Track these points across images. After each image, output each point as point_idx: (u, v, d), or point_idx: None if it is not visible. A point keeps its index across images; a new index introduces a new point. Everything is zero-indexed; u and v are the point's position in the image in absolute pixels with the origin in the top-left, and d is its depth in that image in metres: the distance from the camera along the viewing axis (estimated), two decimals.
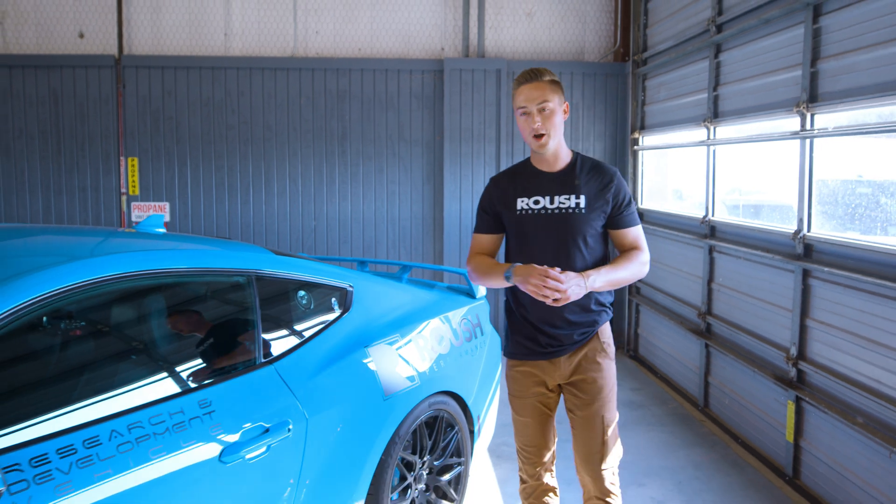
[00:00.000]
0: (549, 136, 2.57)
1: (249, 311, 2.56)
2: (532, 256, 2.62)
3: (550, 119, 2.55)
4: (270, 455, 2.34)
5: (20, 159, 6.65)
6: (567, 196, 2.62)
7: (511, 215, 2.67)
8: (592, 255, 2.63)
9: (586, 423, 2.67)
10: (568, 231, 2.61)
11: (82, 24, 6.74)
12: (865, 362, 3.40)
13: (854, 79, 3.49)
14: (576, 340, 2.66)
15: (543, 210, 2.63)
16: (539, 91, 2.54)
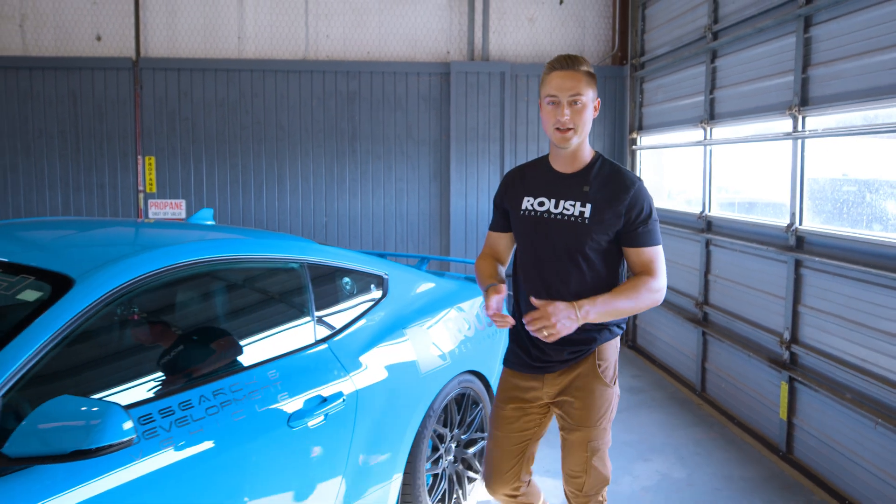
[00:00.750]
0: (575, 132, 2.32)
1: (304, 295, 2.84)
2: (530, 264, 2.47)
3: (581, 114, 2.31)
4: (328, 423, 2.62)
5: (40, 158, 6.87)
6: (573, 202, 2.38)
7: (515, 215, 2.49)
8: (594, 273, 2.38)
9: (570, 448, 2.49)
10: (566, 241, 2.37)
11: (99, 28, 6.97)
12: (853, 343, 3.72)
13: (842, 84, 3.81)
14: (566, 359, 2.44)
15: (546, 214, 2.41)
16: (574, 81, 2.29)
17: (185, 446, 2.10)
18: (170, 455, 2.07)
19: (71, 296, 2.04)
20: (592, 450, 2.45)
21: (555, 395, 2.49)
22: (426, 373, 3.19)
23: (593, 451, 2.45)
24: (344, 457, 2.73)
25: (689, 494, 3.88)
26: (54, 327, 1.95)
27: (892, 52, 3.42)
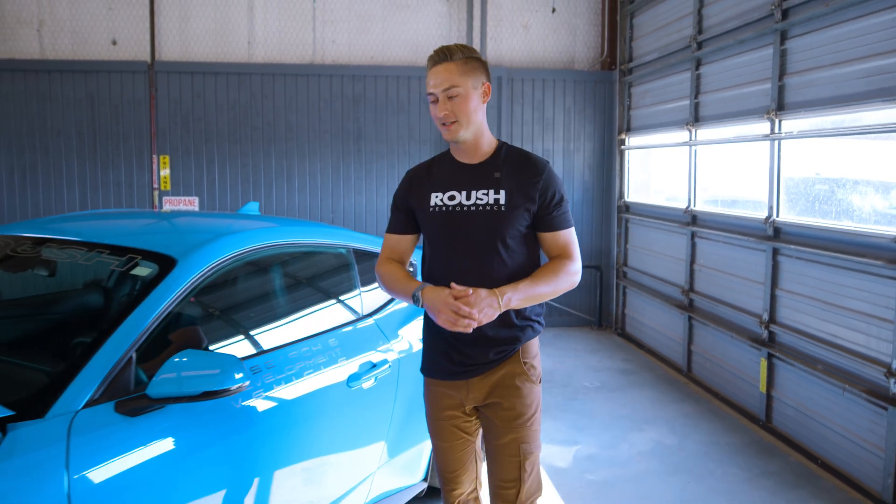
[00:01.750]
0: (459, 124, 2.24)
1: (351, 275, 3.25)
2: (445, 260, 2.33)
3: (461, 105, 2.21)
4: (377, 386, 3.03)
5: (58, 157, 7.18)
6: (486, 191, 2.29)
7: (424, 213, 2.36)
8: (515, 261, 2.30)
9: (500, 453, 2.35)
10: (485, 232, 2.28)
11: (115, 33, 7.29)
12: (824, 321, 4.21)
13: (814, 91, 4.29)
14: (491, 360, 2.33)
15: (459, 207, 2.30)
16: (447, 73, 2.22)
17: (273, 396, 2.51)
18: (263, 402, 2.47)
19: (176, 272, 2.43)
20: (525, 453, 2.34)
21: (482, 399, 2.36)
22: None
23: (526, 454, 2.35)
24: (388, 417, 3.14)
25: (680, 457, 4.34)
26: (168, 297, 2.34)
27: (859, 63, 3.91)
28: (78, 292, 2.90)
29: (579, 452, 4.40)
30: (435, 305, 2.15)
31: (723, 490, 3.91)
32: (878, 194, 4.03)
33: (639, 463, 4.27)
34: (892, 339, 3.63)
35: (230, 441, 2.34)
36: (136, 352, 2.18)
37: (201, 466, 2.23)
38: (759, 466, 4.22)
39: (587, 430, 4.77)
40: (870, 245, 3.82)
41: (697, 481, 4.02)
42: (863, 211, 4.10)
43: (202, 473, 2.23)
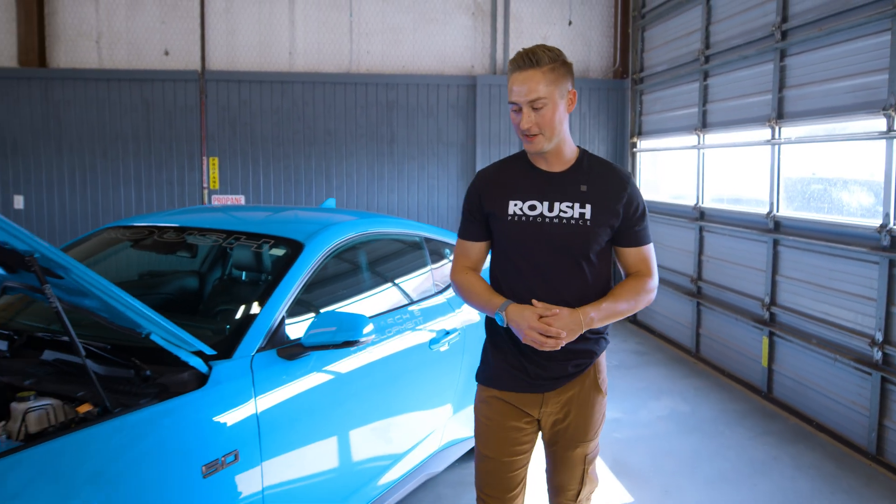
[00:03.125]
0: (543, 136, 2.16)
1: (425, 260, 3.89)
2: (521, 273, 2.24)
3: (547, 117, 2.13)
4: (450, 349, 3.67)
5: (115, 159, 7.81)
6: (570, 204, 2.21)
7: (501, 222, 2.25)
8: (595, 278, 2.25)
9: (566, 462, 2.37)
10: (569, 247, 2.20)
11: (168, 44, 7.92)
12: (817, 301, 4.86)
13: (810, 103, 4.95)
14: (570, 373, 2.28)
15: (540, 218, 2.21)
16: (532, 83, 2.12)
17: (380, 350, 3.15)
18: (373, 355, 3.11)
19: (305, 253, 3.07)
20: (589, 461, 2.39)
21: (557, 412, 2.32)
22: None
23: (589, 462, 2.39)
24: (457, 376, 3.78)
25: (693, 421, 4.99)
26: (302, 271, 2.98)
27: (848, 80, 4.56)
28: (227, 268, 3.58)
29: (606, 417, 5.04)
30: (520, 325, 2.10)
31: (732, 445, 4.57)
32: (864, 191, 4.69)
33: (658, 425, 4.92)
34: (875, 315, 4.28)
35: (354, 380, 2.98)
36: (286, 313, 2.82)
37: (336, 396, 2.88)
38: (762, 427, 4.88)
39: (610, 399, 5.39)
40: (857, 235, 4.47)
41: (710, 439, 4.67)
42: (851, 206, 4.76)
43: (336, 401, 2.88)
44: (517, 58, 2.18)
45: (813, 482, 4.05)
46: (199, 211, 3.97)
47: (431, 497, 3.83)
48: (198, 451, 2.27)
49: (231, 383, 2.47)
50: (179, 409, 2.28)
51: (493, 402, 2.34)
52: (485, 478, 2.37)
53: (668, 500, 3.83)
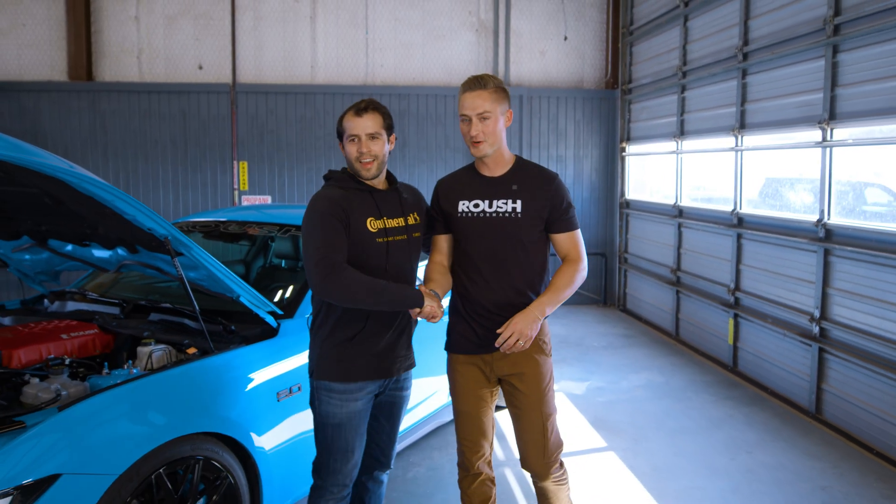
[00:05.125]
0: (486, 143, 2.65)
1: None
2: (471, 258, 2.75)
3: (490, 127, 2.63)
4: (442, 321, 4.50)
5: (155, 163, 8.67)
6: (504, 200, 2.70)
7: (453, 217, 2.77)
8: (531, 260, 2.75)
9: (525, 417, 2.79)
10: (506, 235, 2.70)
11: (201, 59, 8.78)
12: (772, 286, 5.66)
13: (766, 116, 5.76)
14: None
15: (482, 213, 2.72)
16: (480, 100, 2.63)
17: None
18: None
19: None
20: (546, 415, 2.79)
21: (506, 370, 2.78)
22: None
23: (546, 415, 2.79)
24: None
25: (666, 389, 5.81)
26: None
27: (795, 97, 5.37)
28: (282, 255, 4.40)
29: (590, 385, 5.88)
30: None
31: (696, 407, 5.39)
32: (806, 192, 5.50)
33: (635, 392, 5.74)
34: (814, 295, 5.09)
35: None
36: None
37: None
38: (724, 393, 5.70)
39: (596, 372, 6.24)
40: (799, 228, 5.28)
41: (678, 402, 5.49)
42: (796, 204, 5.57)
43: None
44: (468, 81, 2.68)
45: (759, 434, 4.87)
46: (247, 209, 4.81)
47: (441, 442, 4.67)
48: (273, 382, 3.11)
49: (294, 335, 3.31)
50: (259, 352, 3.13)
51: (457, 364, 2.86)
52: (461, 427, 2.87)
53: (637, 446, 4.65)
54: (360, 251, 2.63)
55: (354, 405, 2.71)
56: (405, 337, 2.84)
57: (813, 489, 4.05)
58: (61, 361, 3.03)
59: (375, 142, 2.66)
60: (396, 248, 2.71)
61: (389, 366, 2.78)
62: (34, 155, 2.42)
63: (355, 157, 2.67)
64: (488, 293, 2.75)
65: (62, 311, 3.80)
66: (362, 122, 2.66)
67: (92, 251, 3.56)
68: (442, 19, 8.98)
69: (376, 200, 2.70)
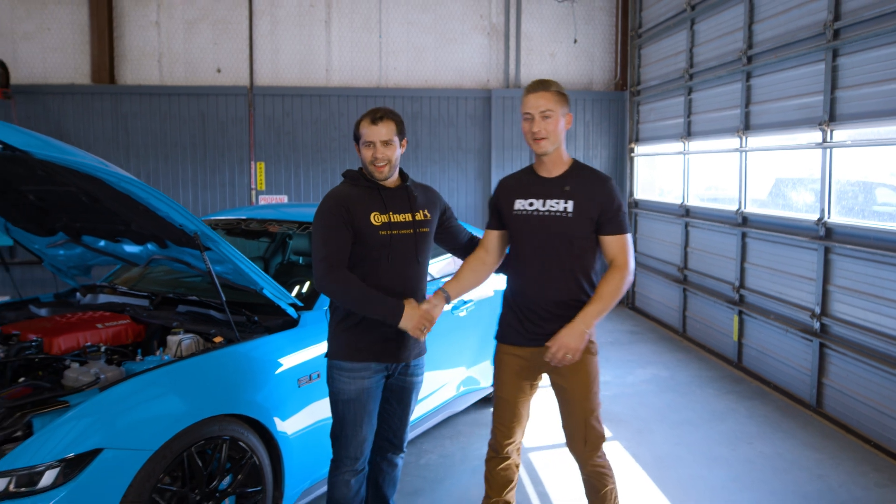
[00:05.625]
0: (548, 140, 2.80)
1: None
2: (524, 254, 2.91)
3: (552, 125, 2.79)
4: (467, 316, 4.68)
5: (175, 163, 8.92)
6: (557, 200, 2.86)
7: (509, 214, 2.95)
8: (581, 259, 2.87)
9: (567, 410, 2.95)
10: (556, 234, 2.84)
11: (220, 63, 9.02)
12: (775, 283, 5.81)
13: (769, 117, 5.91)
14: (557, 330, 2.81)
15: (536, 212, 2.88)
16: (544, 100, 2.80)
17: None
18: None
19: None
20: (587, 411, 2.91)
21: (549, 364, 2.87)
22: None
23: (588, 412, 2.91)
24: (471, 337, 4.80)
25: (671, 383, 5.97)
26: None
27: (795, 99, 5.52)
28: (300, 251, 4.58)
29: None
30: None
31: (699, 400, 5.55)
32: (807, 191, 5.65)
33: (640, 386, 5.91)
34: (814, 292, 5.24)
35: None
36: None
37: None
38: (727, 388, 5.85)
39: (603, 367, 6.32)
40: (801, 227, 5.42)
41: (682, 396, 5.65)
42: (798, 203, 5.72)
43: None
44: (532, 84, 2.88)
45: (760, 426, 5.02)
46: (266, 208, 5.03)
47: (452, 432, 4.86)
48: (294, 370, 3.31)
49: (314, 326, 3.51)
50: (281, 341, 3.34)
51: (504, 353, 3.02)
52: (497, 411, 3.06)
53: (640, 437, 4.82)
54: (363, 243, 2.87)
55: (362, 383, 2.94)
56: None
57: (810, 477, 4.21)
58: (97, 348, 3.25)
59: (389, 147, 2.89)
60: (400, 241, 2.92)
61: (396, 351, 2.99)
62: (76, 155, 2.64)
63: (370, 161, 2.90)
64: (537, 289, 2.89)
65: (94, 304, 4.03)
66: (377, 129, 2.87)
67: (123, 246, 3.79)
68: (454, 23, 9.18)
69: (384, 197, 2.93)
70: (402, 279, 2.96)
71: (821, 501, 3.92)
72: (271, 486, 3.21)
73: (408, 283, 2.98)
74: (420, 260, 3.03)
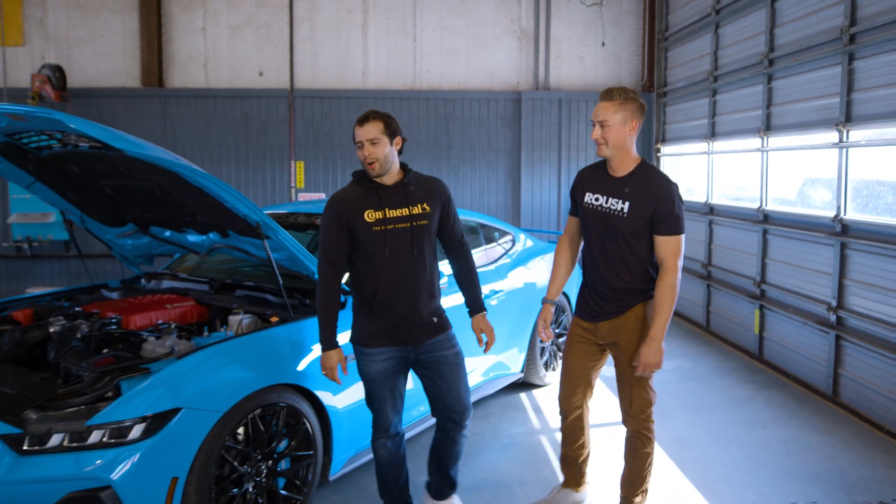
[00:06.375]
0: (606, 145, 3.13)
1: (480, 240, 5.25)
2: (589, 242, 3.32)
3: (609, 132, 3.11)
4: (498, 304, 5.02)
5: (219, 162, 9.38)
6: (617, 199, 3.17)
7: (581, 206, 3.35)
8: (635, 254, 3.18)
9: (619, 379, 3.37)
10: (612, 229, 3.18)
11: (262, 66, 9.46)
12: (794, 278, 6.04)
13: (789, 118, 6.13)
14: (613, 311, 3.25)
15: (599, 207, 3.23)
16: (603, 110, 3.11)
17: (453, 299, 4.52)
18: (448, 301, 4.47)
19: None
20: (636, 382, 3.29)
21: (607, 337, 3.31)
22: (539, 288, 5.58)
23: (636, 382, 3.29)
24: (505, 325, 5.12)
25: (692, 374, 6.23)
26: None
27: (814, 101, 5.75)
28: None
29: None
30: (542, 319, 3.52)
31: (718, 389, 5.81)
32: (825, 189, 5.87)
33: (663, 376, 6.17)
34: (831, 286, 5.47)
35: None
36: None
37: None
38: (747, 378, 6.10)
39: None
40: (818, 223, 5.65)
41: (702, 385, 5.92)
42: (816, 201, 5.95)
43: None
44: (601, 93, 3.18)
45: (776, 412, 5.27)
46: (309, 203, 5.40)
47: (483, 413, 5.19)
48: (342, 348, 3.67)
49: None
50: None
51: (574, 325, 3.49)
52: (563, 376, 3.52)
53: (661, 420, 5.07)
54: (359, 238, 3.16)
55: (379, 366, 3.24)
56: (417, 312, 3.24)
57: (821, 459, 4.46)
58: (168, 325, 3.65)
59: (376, 146, 3.13)
60: (395, 234, 3.16)
61: (406, 335, 3.25)
62: (159, 152, 3.03)
63: (362, 160, 3.19)
64: (599, 274, 3.29)
65: (158, 289, 4.44)
66: (364, 130, 3.17)
67: (187, 236, 4.19)
68: (485, 27, 9.51)
69: (381, 195, 3.18)
70: (398, 269, 3.17)
71: (830, 480, 4.18)
72: (321, 451, 3.57)
73: (404, 272, 3.18)
74: (417, 251, 3.20)
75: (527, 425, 5.04)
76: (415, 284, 3.22)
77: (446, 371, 3.36)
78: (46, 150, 3.64)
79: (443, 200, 3.33)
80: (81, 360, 3.19)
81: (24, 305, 4.06)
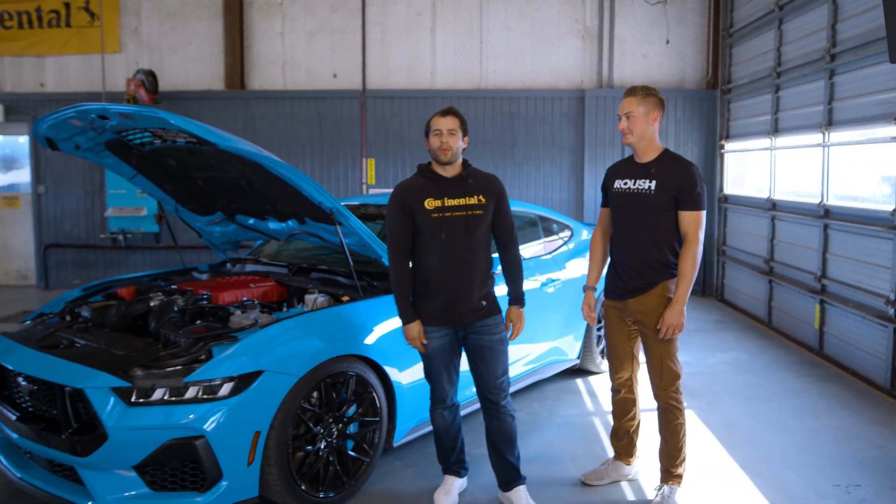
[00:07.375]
0: (630, 134, 3.53)
1: (538, 231, 5.53)
2: (618, 223, 3.66)
3: (634, 123, 3.50)
4: (554, 292, 5.29)
5: (296, 159, 9.93)
6: (644, 180, 3.54)
7: (612, 192, 3.71)
8: (661, 228, 3.50)
9: (647, 352, 3.64)
10: (640, 206, 3.52)
11: (336, 69, 9.96)
12: (853, 272, 6.05)
13: (851, 113, 6.16)
14: (638, 288, 3.55)
15: (628, 189, 3.60)
16: (627, 103, 3.54)
17: None
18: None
19: None
20: (665, 355, 3.57)
21: (635, 312, 3.61)
22: None
23: (665, 355, 3.57)
24: (558, 312, 5.39)
25: (750, 366, 6.33)
26: None
27: (875, 96, 5.77)
28: None
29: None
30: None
31: (774, 380, 5.90)
32: (885, 184, 5.88)
33: (719, 367, 6.30)
34: (890, 280, 5.50)
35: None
36: None
37: None
38: (804, 371, 6.16)
39: (684, 350, 6.80)
40: (878, 218, 5.68)
41: (758, 377, 6.02)
42: (876, 195, 5.96)
43: None
44: (626, 90, 3.61)
45: (829, 403, 5.35)
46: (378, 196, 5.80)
47: (540, 395, 5.47)
48: None
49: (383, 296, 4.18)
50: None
51: (606, 306, 3.83)
52: (609, 355, 3.90)
53: (712, 408, 5.26)
54: (419, 223, 3.48)
55: (434, 342, 3.56)
56: (468, 295, 3.49)
57: (869, 447, 4.55)
58: (252, 302, 4.08)
59: (453, 137, 3.46)
60: (451, 222, 3.43)
61: (454, 316, 3.51)
62: (247, 146, 3.44)
63: (437, 147, 3.50)
64: (626, 251, 3.62)
65: (242, 272, 4.91)
66: (445, 120, 3.51)
67: (268, 224, 4.63)
68: (550, 27, 9.74)
69: (441, 185, 3.50)
70: (452, 253, 3.44)
71: (876, 466, 4.28)
72: (386, 419, 3.94)
73: (457, 257, 3.44)
74: (470, 238, 3.46)
75: (581, 408, 5.29)
76: (467, 268, 3.47)
77: (487, 355, 3.57)
78: (148, 145, 4.13)
79: (497, 195, 3.57)
80: (178, 329, 3.64)
81: (128, 284, 4.58)
